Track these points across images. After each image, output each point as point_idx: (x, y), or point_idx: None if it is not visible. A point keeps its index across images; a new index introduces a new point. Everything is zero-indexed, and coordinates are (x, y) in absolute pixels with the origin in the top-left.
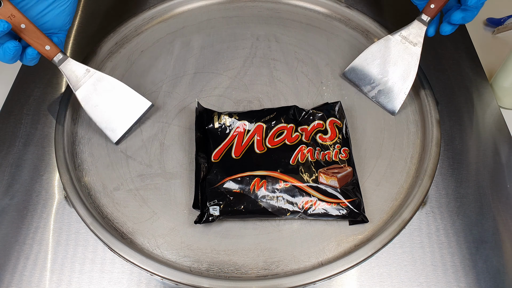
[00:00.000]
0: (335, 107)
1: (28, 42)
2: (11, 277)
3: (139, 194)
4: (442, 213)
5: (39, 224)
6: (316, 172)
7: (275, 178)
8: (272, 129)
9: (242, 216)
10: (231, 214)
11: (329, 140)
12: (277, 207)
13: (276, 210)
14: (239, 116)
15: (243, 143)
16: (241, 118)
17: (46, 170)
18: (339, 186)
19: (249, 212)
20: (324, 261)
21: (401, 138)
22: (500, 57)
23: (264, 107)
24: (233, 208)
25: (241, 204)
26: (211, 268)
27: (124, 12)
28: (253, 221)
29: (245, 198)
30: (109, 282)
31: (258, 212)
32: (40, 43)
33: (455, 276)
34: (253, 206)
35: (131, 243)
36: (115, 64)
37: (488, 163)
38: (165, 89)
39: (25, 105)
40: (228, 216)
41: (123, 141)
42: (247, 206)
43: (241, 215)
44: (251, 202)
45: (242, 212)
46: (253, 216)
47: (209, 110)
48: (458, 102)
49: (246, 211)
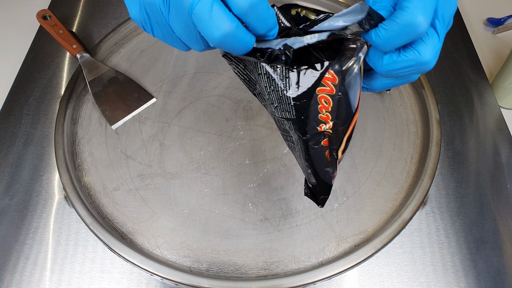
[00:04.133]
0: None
1: (61, 43)
2: (11, 277)
3: (139, 194)
4: (442, 213)
5: (39, 224)
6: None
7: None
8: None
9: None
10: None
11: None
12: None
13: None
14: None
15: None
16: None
17: (46, 170)
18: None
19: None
20: (324, 261)
21: (401, 138)
22: (500, 57)
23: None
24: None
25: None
26: (211, 268)
27: (124, 12)
28: (253, 221)
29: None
30: (109, 282)
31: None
32: (69, 43)
33: (455, 276)
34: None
35: (131, 243)
36: (115, 64)
37: (488, 163)
38: (165, 89)
39: (25, 105)
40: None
41: (123, 141)
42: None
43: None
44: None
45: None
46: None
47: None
48: (458, 102)
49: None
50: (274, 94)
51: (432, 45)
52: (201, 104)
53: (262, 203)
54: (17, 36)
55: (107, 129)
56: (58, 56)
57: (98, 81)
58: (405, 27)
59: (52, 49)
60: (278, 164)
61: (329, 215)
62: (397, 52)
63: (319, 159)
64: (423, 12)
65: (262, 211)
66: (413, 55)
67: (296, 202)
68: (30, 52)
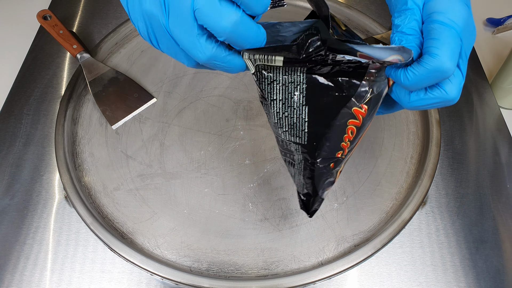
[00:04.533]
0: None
1: (62, 43)
2: (11, 277)
3: (139, 194)
4: (442, 213)
5: (39, 224)
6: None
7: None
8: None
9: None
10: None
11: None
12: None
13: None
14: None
15: None
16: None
17: (46, 170)
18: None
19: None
20: (324, 261)
21: (401, 138)
22: (500, 57)
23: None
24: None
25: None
26: (211, 268)
27: (124, 12)
28: (253, 221)
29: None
30: (109, 282)
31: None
32: (70, 44)
33: (455, 276)
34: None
35: (131, 243)
36: (115, 64)
37: (488, 163)
38: (165, 89)
39: (25, 105)
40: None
41: (124, 141)
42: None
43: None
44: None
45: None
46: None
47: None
48: (458, 102)
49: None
50: (287, 118)
51: (457, 83)
52: (201, 104)
53: (262, 203)
54: (18, 36)
55: (107, 129)
56: (58, 56)
57: (98, 81)
58: (434, 72)
59: (53, 49)
60: (278, 164)
61: (329, 215)
62: (423, 90)
63: (321, 178)
64: (451, 58)
65: (262, 211)
66: (439, 94)
67: (296, 202)
68: (30, 52)
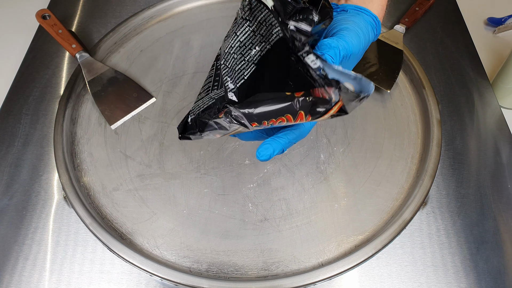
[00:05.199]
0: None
1: (61, 42)
2: (10, 277)
3: (138, 195)
4: (443, 213)
5: (38, 225)
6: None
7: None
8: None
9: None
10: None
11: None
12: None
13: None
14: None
15: None
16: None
17: (45, 170)
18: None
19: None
20: (324, 262)
21: (401, 138)
22: (501, 57)
23: None
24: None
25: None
26: (211, 268)
27: (124, 11)
28: (253, 222)
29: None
30: (109, 282)
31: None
32: (69, 43)
33: (456, 277)
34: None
35: (131, 243)
36: (114, 64)
37: (489, 163)
38: (164, 89)
39: (24, 105)
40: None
41: (123, 141)
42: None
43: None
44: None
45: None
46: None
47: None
48: (459, 102)
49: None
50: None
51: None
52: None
53: (262, 203)
54: (17, 35)
55: (106, 129)
56: (57, 56)
57: (97, 80)
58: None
59: (52, 48)
60: (278, 164)
61: (329, 216)
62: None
63: (213, 110)
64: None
65: (262, 212)
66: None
67: (296, 203)
68: (29, 51)
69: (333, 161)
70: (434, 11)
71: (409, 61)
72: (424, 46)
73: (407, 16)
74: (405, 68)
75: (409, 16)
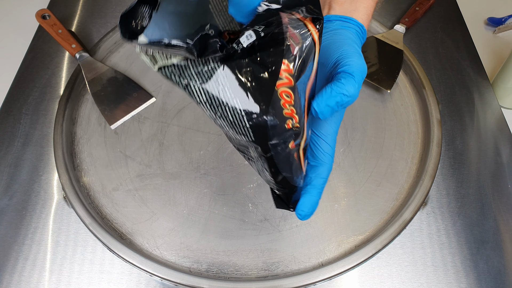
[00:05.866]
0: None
1: (61, 42)
2: (10, 277)
3: (138, 195)
4: (443, 214)
5: (38, 225)
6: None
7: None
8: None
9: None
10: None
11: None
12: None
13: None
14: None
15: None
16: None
17: (45, 170)
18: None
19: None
20: (324, 262)
21: (402, 138)
22: (501, 57)
23: None
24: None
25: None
26: (211, 268)
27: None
28: (253, 222)
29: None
30: (108, 282)
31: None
32: (69, 43)
33: (456, 277)
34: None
35: (130, 243)
36: (114, 63)
37: (489, 163)
38: (164, 89)
39: (24, 105)
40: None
41: (122, 141)
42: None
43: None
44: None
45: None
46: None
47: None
48: (459, 102)
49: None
50: (223, 119)
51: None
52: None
53: (262, 204)
54: (16, 35)
55: (106, 129)
56: (57, 56)
57: (97, 80)
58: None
59: (51, 48)
60: None
61: (329, 216)
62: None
63: (287, 164)
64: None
65: (262, 212)
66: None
67: None
68: (29, 51)
69: (333, 161)
70: (434, 11)
71: (409, 61)
72: (424, 46)
73: (407, 16)
74: (405, 68)
75: (409, 16)
